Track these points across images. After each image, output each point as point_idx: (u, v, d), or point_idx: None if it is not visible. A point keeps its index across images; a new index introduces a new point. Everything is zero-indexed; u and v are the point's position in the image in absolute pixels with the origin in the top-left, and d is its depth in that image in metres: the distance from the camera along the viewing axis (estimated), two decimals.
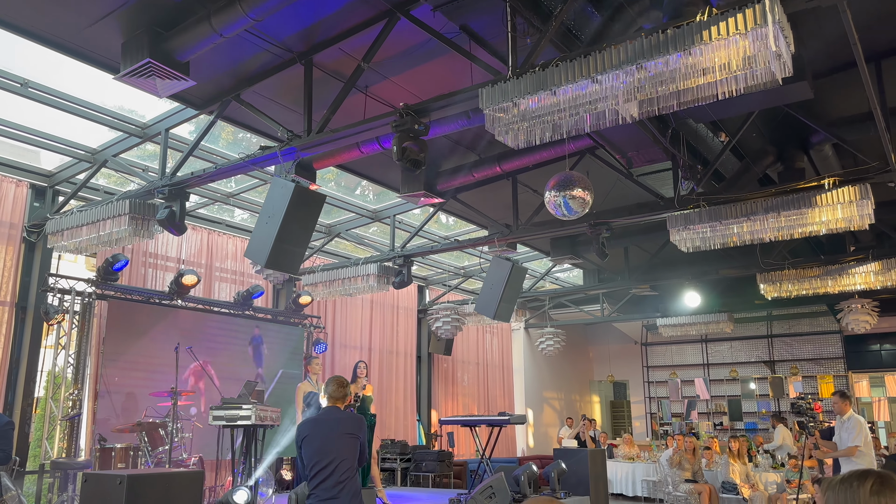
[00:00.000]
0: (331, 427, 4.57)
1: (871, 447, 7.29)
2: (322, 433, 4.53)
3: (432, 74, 6.57)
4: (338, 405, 4.79)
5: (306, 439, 4.53)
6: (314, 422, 4.66)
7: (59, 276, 8.65)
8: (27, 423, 8.30)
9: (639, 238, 10.88)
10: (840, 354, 16.66)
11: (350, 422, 4.67)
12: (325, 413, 4.75)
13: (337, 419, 4.63)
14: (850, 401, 7.48)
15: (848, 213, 6.71)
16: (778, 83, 4.12)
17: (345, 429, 4.56)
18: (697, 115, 6.55)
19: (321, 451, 4.43)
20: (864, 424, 7.27)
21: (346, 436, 4.53)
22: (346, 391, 4.86)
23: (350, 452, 4.51)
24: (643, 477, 13.01)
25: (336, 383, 4.85)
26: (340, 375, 5.00)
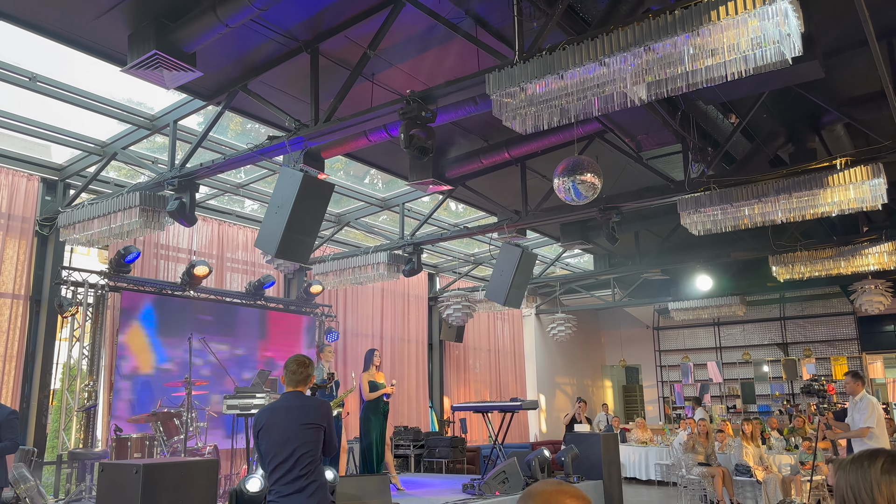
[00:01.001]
0: (290, 416, 4.10)
1: (884, 428, 7.19)
2: (280, 423, 4.08)
3: (439, 61, 6.54)
4: (300, 390, 4.29)
5: (263, 430, 4.11)
6: (271, 410, 4.19)
7: (72, 269, 8.73)
8: (44, 414, 8.40)
9: (649, 222, 10.83)
10: (854, 336, 16.57)
11: (313, 409, 4.17)
12: (284, 400, 4.25)
13: (298, 407, 4.15)
14: (862, 381, 7.37)
15: (860, 194, 6.64)
16: (788, 63, 4.06)
17: (306, 417, 4.10)
18: (707, 96, 6.49)
19: (280, 442, 4.03)
20: (877, 405, 7.17)
21: (307, 425, 4.07)
22: (309, 371, 4.32)
23: (313, 443, 4.08)
24: (656, 461, 13.03)
25: (297, 363, 4.31)
26: (303, 354, 4.44)
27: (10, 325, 8.25)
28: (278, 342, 10.86)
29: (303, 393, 4.26)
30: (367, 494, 6.48)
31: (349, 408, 8.96)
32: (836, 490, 1.68)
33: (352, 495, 6.37)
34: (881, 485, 1.57)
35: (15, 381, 8.18)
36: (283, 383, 4.29)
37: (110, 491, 5.61)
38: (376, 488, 6.60)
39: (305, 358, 4.33)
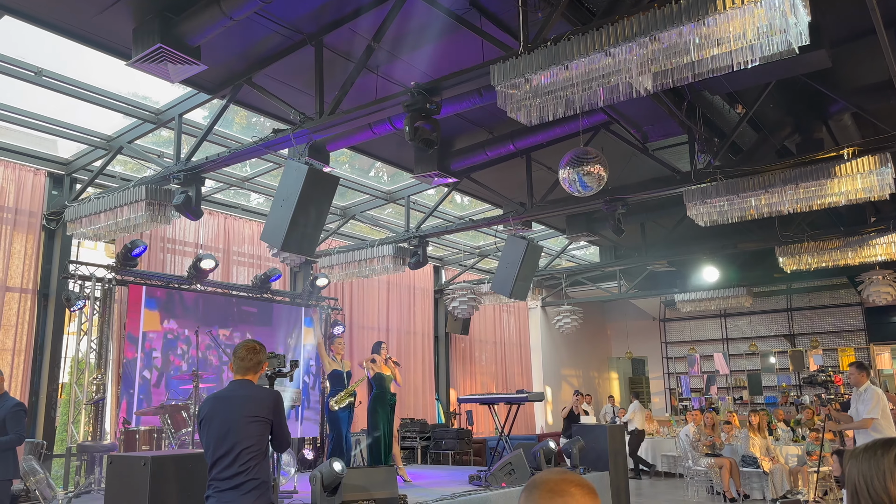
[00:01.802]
0: (234, 407, 3.75)
1: (889, 419, 7.04)
2: (222, 414, 3.75)
3: (443, 52, 6.52)
4: (248, 378, 3.90)
5: (204, 420, 3.79)
6: (214, 399, 3.85)
7: (80, 263, 8.77)
8: (53, 407, 8.46)
9: (655, 213, 10.80)
10: (861, 327, 16.52)
11: (258, 400, 3.80)
12: (228, 389, 3.89)
13: (241, 397, 3.79)
14: (867, 372, 7.22)
15: (868, 183, 6.60)
16: (795, 52, 4.04)
17: (252, 410, 3.75)
18: (713, 86, 6.45)
19: (220, 435, 3.70)
20: (881, 396, 7.03)
21: (250, 418, 3.73)
22: (260, 358, 3.95)
23: (258, 438, 3.73)
24: (663, 452, 13.04)
25: (245, 349, 3.93)
26: (254, 340, 4.06)
27: (19, 318, 8.30)
28: (285, 334, 10.89)
29: (251, 382, 3.88)
30: (374, 486, 6.50)
31: (358, 398, 8.99)
32: (847, 479, 1.68)
33: (359, 486, 6.40)
34: (894, 474, 1.57)
35: (24, 374, 8.24)
36: (231, 371, 3.94)
37: (119, 483, 5.65)
38: (383, 480, 6.63)
39: (256, 343, 3.98)
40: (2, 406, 5.49)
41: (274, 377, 4.40)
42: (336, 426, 8.41)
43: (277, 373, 4.46)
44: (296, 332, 11.04)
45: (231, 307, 10.18)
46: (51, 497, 6.87)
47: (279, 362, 4.46)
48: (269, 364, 4.32)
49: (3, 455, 5.40)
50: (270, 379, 4.39)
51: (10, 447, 5.46)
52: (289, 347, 10.82)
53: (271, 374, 4.39)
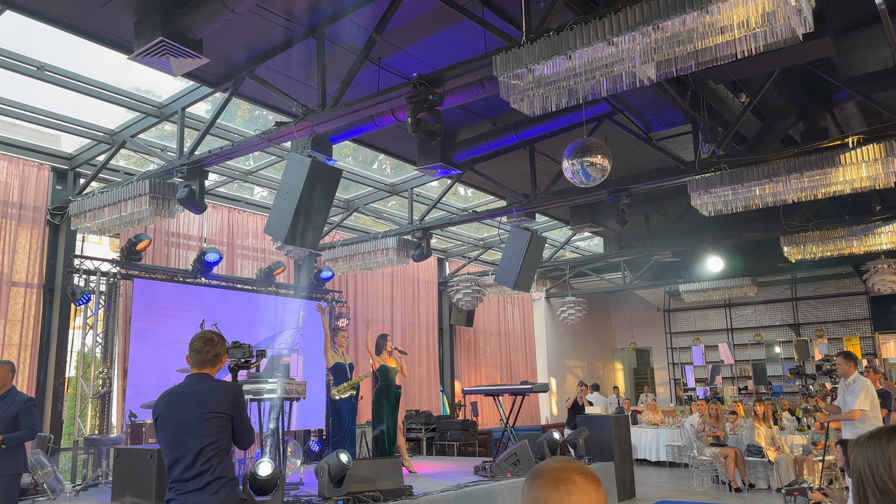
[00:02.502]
0: (191, 403, 3.51)
1: (877, 410, 6.93)
2: (179, 411, 3.50)
3: (445, 43, 6.50)
4: (206, 371, 3.64)
5: (160, 418, 3.55)
6: (169, 395, 3.61)
7: (84, 258, 8.79)
8: (60, 401, 8.50)
9: (659, 204, 10.77)
10: (866, 316, 16.48)
11: (216, 395, 3.53)
12: (184, 383, 3.66)
13: (198, 392, 3.54)
14: (854, 362, 7.07)
15: (873, 172, 6.57)
16: (799, 40, 4.02)
17: (210, 405, 3.49)
18: (717, 75, 6.42)
19: (177, 434, 3.46)
20: (870, 387, 6.84)
21: (209, 414, 3.47)
22: (218, 350, 3.68)
23: (217, 435, 3.48)
24: (667, 442, 13.05)
25: (202, 340, 3.65)
26: (211, 331, 3.79)
27: (25, 313, 8.34)
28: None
29: (209, 376, 3.63)
30: (379, 477, 6.53)
31: (361, 391, 9.02)
32: (852, 467, 1.67)
33: (364, 478, 6.43)
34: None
35: (30, 369, 8.28)
36: (188, 362, 3.69)
37: (126, 475, 5.69)
38: (388, 471, 6.66)
39: (214, 335, 3.71)
40: (13, 401, 5.52)
41: (237, 369, 4.14)
42: (338, 416, 8.43)
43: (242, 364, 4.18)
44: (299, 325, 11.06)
45: (235, 300, 10.20)
46: (59, 490, 6.91)
47: (243, 353, 4.19)
48: (232, 355, 4.08)
49: (13, 450, 5.44)
50: (233, 371, 4.14)
51: (23, 442, 5.50)
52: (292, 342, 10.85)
53: (234, 365, 4.14)
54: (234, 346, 4.13)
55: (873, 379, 8.54)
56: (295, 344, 10.80)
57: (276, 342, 10.56)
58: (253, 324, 10.30)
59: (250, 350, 4.22)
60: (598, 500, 1.37)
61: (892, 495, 1.55)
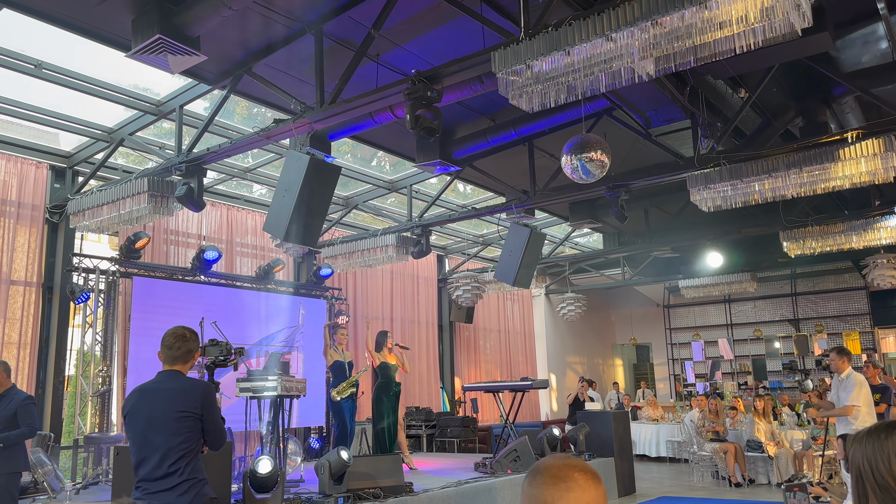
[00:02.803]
0: (160, 401, 3.41)
1: (871, 406, 6.78)
2: (148, 409, 3.40)
3: (443, 39, 6.49)
4: (177, 368, 3.54)
5: (129, 415, 3.45)
6: (140, 392, 3.51)
7: (83, 256, 8.78)
8: (60, 400, 8.50)
9: (659, 199, 10.77)
10: (866, 310, 16.49)
11: (185, 394, 3.43)
12: (155, 381, 3.54)
13: (168, 390, 3.44)
14: (848, 358, 6.95)
15: (872, 167, 6.57)
16: (797, 35, 4.01)
17: (179, 404, 3.39)
18: (716, 70, 6.42)
19: (146, 432, 3.37)
20: (863, 383, 6.76)
21: (178, 413, 3.38)
22: (190, 347, 3.58)
23: (186, 434, 3.38)
24: (667, 438, 13.07)
25: (174, 336, 3.55)
26: (183, 326, 3.67)
27: (24, 312, 8.33)
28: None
29: (180, 373, 3.53)
30: (380, 474, 6.53)
31: (361, 388, 9.02)
32: (851, 462, 1.67)
33: (365, 474, 6.43)
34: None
35: (30, 367, 8.28)
36: (160, 359, 3.58)
37: (126, 473, 5.68)
38: (389, 467, 6.66)
39: (186, 330, 3.60)
40: (12, 399, 5.51)
41: (214, 367, 4.04)
42: (340, 416, 8.44)
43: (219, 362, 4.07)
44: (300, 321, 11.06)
45: (235, 298, 10.20)
46: (59, 489, 6.92)
47: (220, 351, 4.07)
48: (209, 353, 3.98)
49: (12, 448, 5.43)
50: (209, 369, 4.04)
51: (22, 440, 5.49)
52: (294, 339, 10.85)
53: (210, 363, 4.03)
54: (211, 343, 4.04)
55: (872, 374, 8.54)
56: (295, 342, 10.80)
57: (275, 340, 10.57)
58: (253, 321, 10.30)
59: (228, 348, 4.10)
60: (597, 496, 1.37)
61: (892, 490, 1.55)
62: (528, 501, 1.38)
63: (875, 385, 8.45)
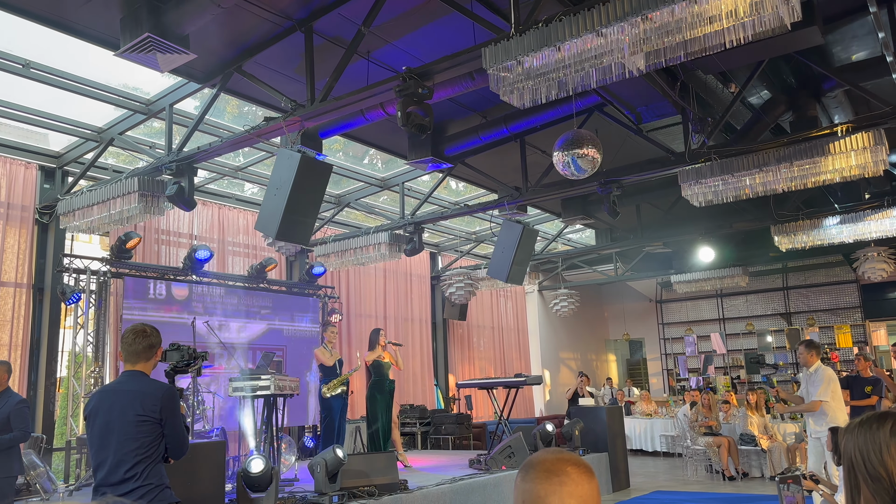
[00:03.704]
0: (119, 403, 3.27)
1: (840, 401, 6.65)
2: (106, 412, 3.27)
3: (434, 36, 6.48)
4: (139, 368, 3.39)
5: (89, 417, 3.32)
6: (101, 393, 3.39)
7: (74, 256, 8.73)
8: (51, 402, 8.45)
9: (650, 195, 10.79)
10: (857, 304, 16.58)
11: (145, 396, 3.27)
12: (117, 382, 3.42)
13: (128, 392, 3.30)
14: (817, 351, 6.78)
15: (862, 160, 6.60)
16: (787, 29, 4.02)
17: (139, 408, 3.24)
18: (706, 65, 6.43)
19: (103, 435, 3.24)
20: (832, 377, 6.60)
21: (138, 417, 3.23)
22: (151, 342, 3.44)
23: (144, 439, 3.23)
24: (661, 432, 13.11)
25: (133, 332, 3.41)
26: (143, 323, 3.52)
27: (14, 313, 8.28)
28: (284, 324, 10.89)
29: (143, 374, 3.38)
30: (374, 472, 6.53)
31: (353, 387, 9.01)
32: (843, 453, 1.68)
33: (359, 473, 6.43)
34: (890, 447, 1.57)
35: (21, 369, 8.22)
36: (121, 360, 3.42)
37: None
38: (384, 465, 6.66)
39: (147, 327, 3.46)
40: (6, 403, 5.47)
41: (174, 373, 3.91)
42: (329, 414, 8.42)
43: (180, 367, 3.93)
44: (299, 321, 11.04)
45: (227, 297, 10.17)
46: (51, 490, 6.89)
47: (181, 356, 3.92)
48: (169, 358, 3.85)
49: (8, 452, 5.39)
50: (169, 375, 3.90)
51: (14, 444, 5.45)
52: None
53: (171, 369, 3.90)
54: (172, 348, 3.89)
55: (864, 366, 8.58)
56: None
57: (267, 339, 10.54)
58: (245, 321, 10.27)
59: (190, 352, 3.95)
60: (591, 490, 1.37)
61: (884, 481, 1.55)
62: (522, 496, 1.38)
63: (866, 377, 8.49)
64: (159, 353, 3.53)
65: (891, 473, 1.55)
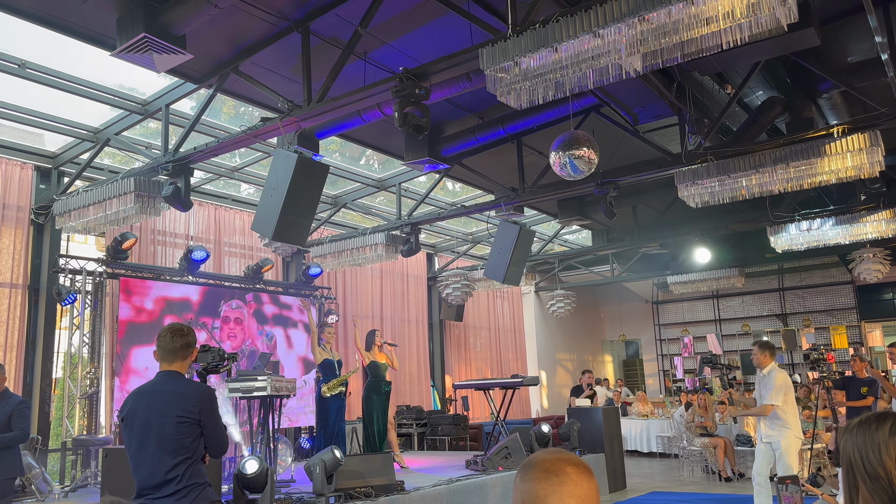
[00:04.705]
0: (157, 404, 3.27)
1: (792, 405, 6.37)
2: (144, 413, 3.26)
3: (431, 37, 6.48)
4: (175, 368, 3.39)
5: (126, 419, 3.30)
6: (137, 394, 3.37)
7: (69, 257, 8.71)
8: (47, 402, 8.42)
9: (647, 196, 10.81)
10: (852, 305, 16.63)
11: (183, 398, 3.28)
12: (153, 382, 3.40)
13: (165, 392, 3.30)
14: (771, 352, 6.50)
15: (858, 161, 6.62)
16: (783, 30, 4.03)
17: (177, 408, 3.24)
18: (702, 67, 6.44)
19: (142, 436, 3.23)
20: (784, 380, 6.33)
21: (177, 418, 3.23)
22: (189, 340, 3.43)
23: (184, 440, 3.24)
24: (657, 433, 13.13)
25: (170, 331, 3.40)
26: (179, 322, 3.54)
27: (10, 314, 8.25)
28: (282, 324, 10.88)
29: (179, 375, 3.39)
30: (371, 473, 6.52)
31: (350, 388, 8.99)
32: (842, 453, 1.68)
33: (356, 473, 6.42)
34: (889, 447, 1.57)
35: (16, 370, 8.20)
36: (157, 359, 3.42)
37: (115, 476, 5.65)
38: (380, 466, 6.65)
39: (183, 326, 3.45)
40: (6, 403, 5.45)
41: (205, 373, 3.95)
42: (324, 415, 8.40)
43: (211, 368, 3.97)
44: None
45: (224, 298, 10.15)
46: (47, 491, 6.87)
47: (213, 357, 3.97)
48: (201, 360, 3.88)
49: (10, 452, 5.37)
50: (201, 375, 3.95)
51: (14, 444, 5.43)
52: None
53: (202, 370, 3.94)
54: (203, 349, 3.92)
55: (859, 367, 8.60)
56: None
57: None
58: (241, 322, 10.25)
59: (220, 353, 4.00)
60: (590, 490, 1.37)
61: (882, 481, 1.56)
62: (521, 496, 1.38)
63: (862, 378, 8.51)
64: (195, 353, 3.53)
65: (889, 473, 1.55)
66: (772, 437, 6.38)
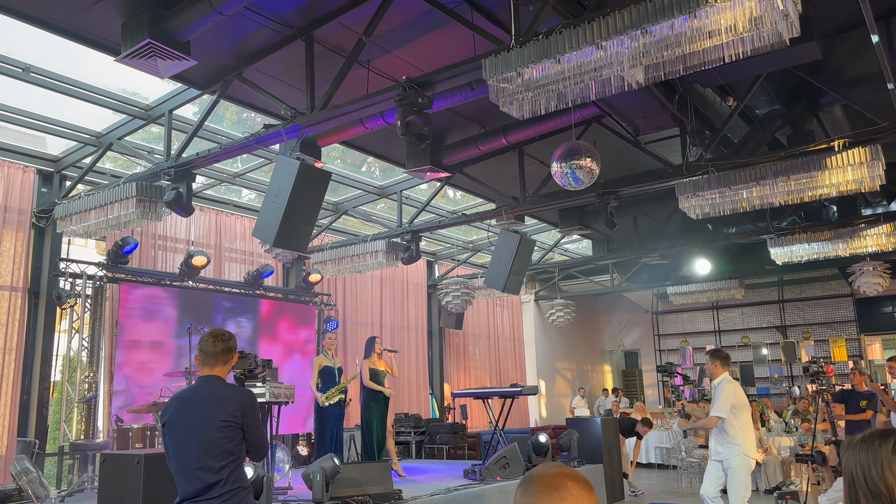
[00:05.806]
0: (200, 409, 3.27)
1: (747, 418, 5.99)
2: (187, 417, 3.27)
3: (434, 46, 6.50)
4: (216, 373, 3.40)
5: (168, 424, 3.31)
6: (178, 400, 3.37)
7: (70, 261, 8.71)
8: (45, 406, 8.41)
9: (647, 206, 10.82)
10: (852, 317, 16.62)
11: (226, 401, 3.29)
12: (194, 388, 3.41)
13: (208, 396, 3.31)
14: (721, 361, 6.07)
15: (858, 175, 6.63)
16: (785, 44, 4.04)
17: (220, 412, 3.25)
18: (704, 79, 6.46)
19: (186, 441, 3.23)
20: (732, 393, 5.93)
21: (220, 422, 3.24)
22: (231, 345, 3.44)
23: (228, 444, 3.25)
24: (656, 444, 13.10)
25: (213, 336, 3.42)
26: (220, 328, 3.58)
27: (9, 317, 8.25)
28: (281, 330, 10.87)
29: (220, 379, 3.39)
30: (368, 481, 6.51)
31: (349, 395, 8.98)
32: (844, 469, 1.68)
33: (354, 482, 6.40)
34: (892, 464, 1.57)
35: (15, 373, 8.19)
36: (198, 364, 3.45)
37: (112, 481, 5.64)
38: (378, 475, 6.63)
39: (224, 331, 3.47)
40: None
41: (243, 379, 3.94)
42: (322, 423, 8.38)
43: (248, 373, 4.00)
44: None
45: (222, 303, 10.15)
46: (44, 496, 6.84)
47: (249, 362, 4.00)
48: (238, 366, 3.85)
49: None
50: (239, 380, 3.93)
51: None
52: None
53: (240, 374, 3.92)
54: (241, 354, 3.94)
55: (859, 381, 8.59)
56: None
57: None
58: (240, 328, 10.25)
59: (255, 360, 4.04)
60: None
61: (884, 497, 1.56)
62: None
63: (861, 391, 8.50)
64: (235, 358, 3.53)
65: (891, 490, 1.55)
66: (721, 455, 6.03)
